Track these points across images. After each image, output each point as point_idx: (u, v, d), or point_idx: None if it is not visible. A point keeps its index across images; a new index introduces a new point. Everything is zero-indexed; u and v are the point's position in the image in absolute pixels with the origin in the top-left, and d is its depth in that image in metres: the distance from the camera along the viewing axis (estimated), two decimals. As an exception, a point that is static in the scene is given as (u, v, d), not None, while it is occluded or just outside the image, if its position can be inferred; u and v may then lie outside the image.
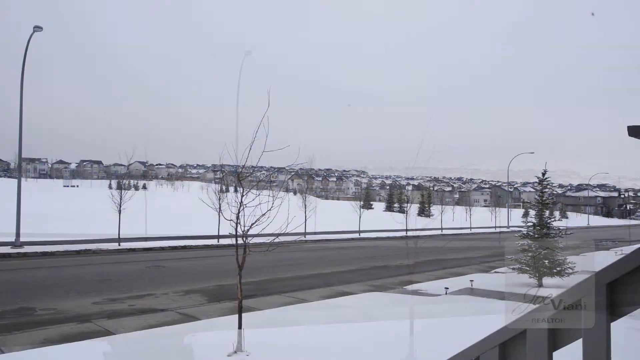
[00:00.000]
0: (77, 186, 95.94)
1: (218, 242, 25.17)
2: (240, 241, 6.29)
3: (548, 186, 14.16)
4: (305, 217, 29.45)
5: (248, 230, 6.23)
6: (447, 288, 11.93)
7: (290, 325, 8.22)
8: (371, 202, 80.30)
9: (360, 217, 36.97)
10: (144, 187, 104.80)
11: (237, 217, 6.17)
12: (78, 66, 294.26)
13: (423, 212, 70.60)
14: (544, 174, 13.55)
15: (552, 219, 14.06)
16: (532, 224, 13.67)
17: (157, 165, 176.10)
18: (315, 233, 32.25)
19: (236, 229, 6.19)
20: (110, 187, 62.42)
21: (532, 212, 13.98)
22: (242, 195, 6.23)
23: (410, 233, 40.09)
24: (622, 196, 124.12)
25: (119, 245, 21.97)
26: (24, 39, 20.58)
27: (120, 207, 22.60)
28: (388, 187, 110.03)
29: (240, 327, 6.18)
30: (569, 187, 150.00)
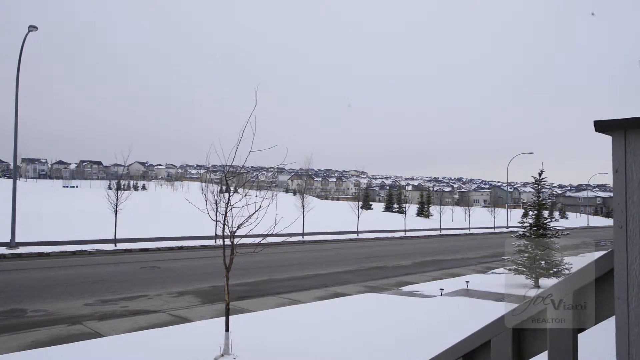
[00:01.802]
0: (77, 187, 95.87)
1: (215, 242, 25.08)
2: (227, 242, 6.20)
3: (545, 186, 14.04)
4: (304, 217, 29.36)
5: (235, 231, 6.14)
6: (442, 289, 11.85)
7: (282, 327, 8.12)
8: (370, 203, 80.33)
9: (358, 217, 36.85)
10: (144, 188, 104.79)
11: (225, 218, 6.07)
12: (77, 66, 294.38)
13: (422, 212, 70.56)
14: (540, 174, 13.45)
15: (550, 220, 13.95)
16: (528, 224, 13.56)
17: (157, 165, 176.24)
18: (313, 233, 32.16)
19: (223, 230, 6.09)
20: (109, 187, 62.28)
21: (531, 213, 13.84)
22: (230, 196, 6.14)
23: (409, 233, 40.12)
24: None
25: (115, 246, 21.87)
26: (22, 39, 20.50)
27: (116, 207, 22.48)
28: (387, 188, 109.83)
29: (227, 329, 6.07)
30: (569, 188, 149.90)
